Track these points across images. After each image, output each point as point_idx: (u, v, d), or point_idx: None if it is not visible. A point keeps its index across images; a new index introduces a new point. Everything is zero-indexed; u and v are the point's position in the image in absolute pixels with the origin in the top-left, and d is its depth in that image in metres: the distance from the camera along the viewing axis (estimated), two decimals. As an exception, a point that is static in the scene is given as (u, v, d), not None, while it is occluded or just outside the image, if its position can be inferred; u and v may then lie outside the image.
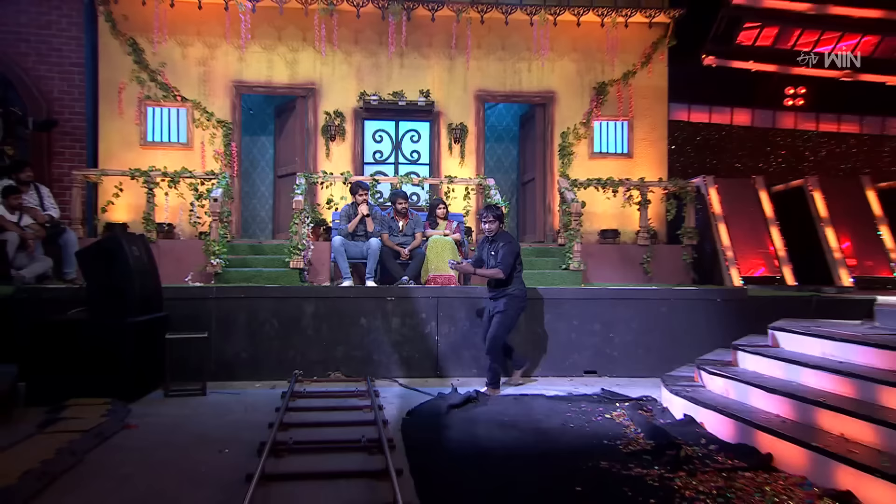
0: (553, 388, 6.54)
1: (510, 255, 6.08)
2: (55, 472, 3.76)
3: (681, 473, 3.81)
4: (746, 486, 3.59)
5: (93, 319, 5.90)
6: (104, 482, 3.71)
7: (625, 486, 3.65)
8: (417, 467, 3.96)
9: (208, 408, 5.60)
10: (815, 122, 12.44)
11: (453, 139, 10.51)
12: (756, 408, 4.49)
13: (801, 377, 4.50)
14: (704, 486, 3.61)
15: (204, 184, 8.88)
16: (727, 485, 3.62)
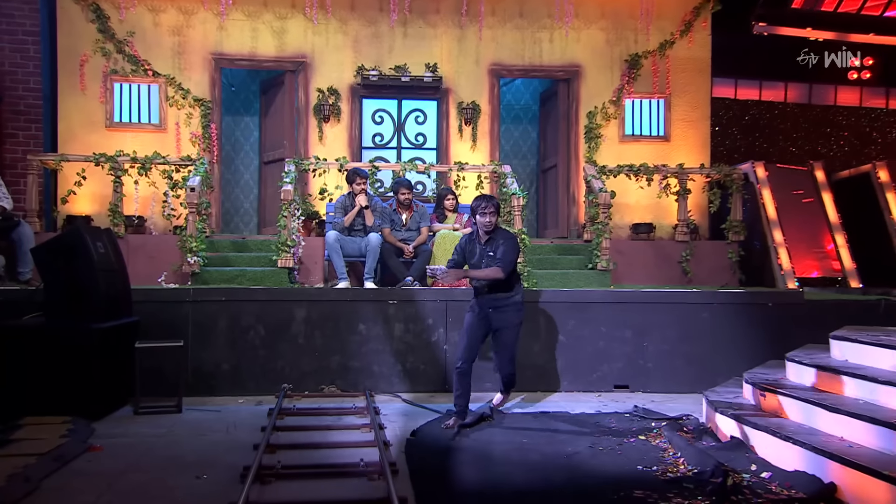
0: (578, 404, 6.50)
1: (513, 251, 5.62)
2: (5, 502, 3.72)
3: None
4: (806, 521, 3.53)
5: (51, 325, 5.88)
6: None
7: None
8: (424, 496, 3.92)
9: (184, 427, 5.57)
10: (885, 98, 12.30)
11: (464, 120, 10.46)
12: (816, 430, 4.42)
13: (870, 395, 4.42)
14: (757, 519, 3.55)
15: (179, 171, 8.86)
16: (783, 519, 3.56)
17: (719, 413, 5.13)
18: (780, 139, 11.92)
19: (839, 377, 4.73)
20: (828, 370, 4.86)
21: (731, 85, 12.06)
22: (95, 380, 5.74)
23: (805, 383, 5.07)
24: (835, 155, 11.87)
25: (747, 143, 11.80)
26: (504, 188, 8.93)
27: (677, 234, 9.56)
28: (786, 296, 7.65)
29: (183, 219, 8.41)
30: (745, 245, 9.49)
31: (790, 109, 11.95)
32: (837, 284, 9.09)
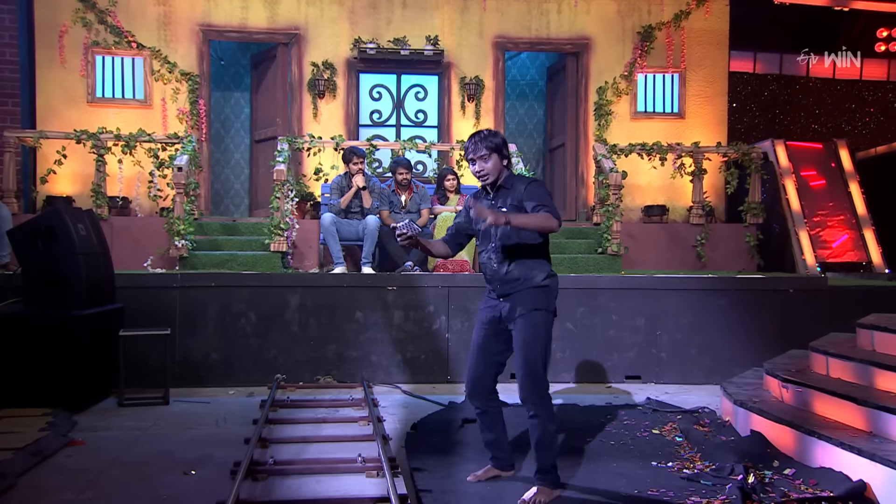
0: (588, 396, 6.44)
1: (545, 194, 3.91)
2: (-19, 498, 3.66)
3: None
4: (834, 521, 3.46)
5: (30, 312, 5.82)
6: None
7: (682, 519, 3.53)
8: (426, 494, 3.85)
9: (171, 420, 5.51)
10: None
11: (466, 96, 10.34)
12: (845, 424, 4.34)
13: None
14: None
15: (166, 149, 8.77)
16: (810, 519, 3.49)
17: (739, 406, 5.06)
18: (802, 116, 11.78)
19: (868, 368, 4.64)
20: (855, 361, 4.78)
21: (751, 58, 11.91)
22: (77, 370, 5.67)
23: (830, 375, 4.98)
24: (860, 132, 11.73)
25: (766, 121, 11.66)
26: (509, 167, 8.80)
27: (692, 216, 9.46)
28: (808, 282, 7.58)
29: (170, 200, 8.33)
30: (764, 228, 9.40)
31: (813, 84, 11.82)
32: (862, 270, 9.01)
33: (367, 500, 3.74)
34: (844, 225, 9.33)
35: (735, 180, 9.62)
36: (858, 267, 9.05)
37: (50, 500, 3.77)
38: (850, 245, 9.21)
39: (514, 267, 3.88)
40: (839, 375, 4.90)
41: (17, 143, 8.69)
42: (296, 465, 4.29)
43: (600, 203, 9.09)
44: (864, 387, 4.59)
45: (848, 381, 4.77)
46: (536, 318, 3.88)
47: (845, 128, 11.80)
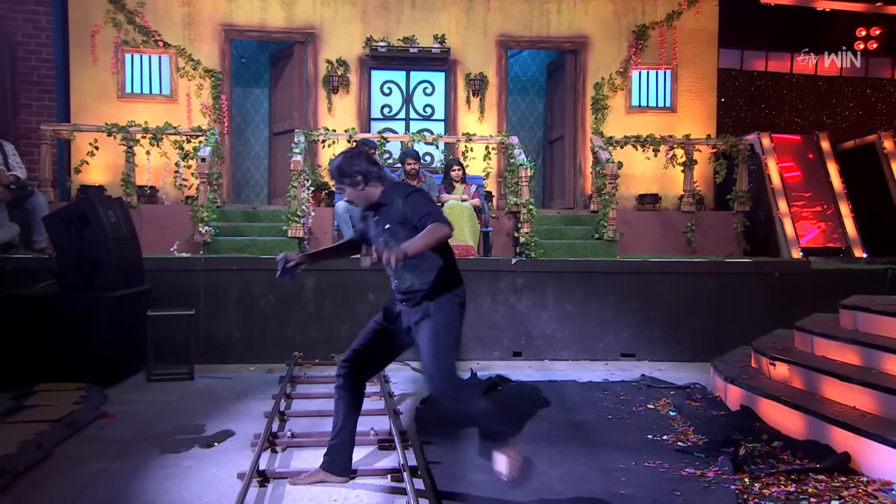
0: (586, 373, 6.37)
1: (428, 200, 3.43)
2: (17, 468, 3.61)
3: (742, 475, 3.61)
4: (821, 492, 3.38)
5: (64, 293, 5.77)
6: (74, 480, 3.56)
7: (676, 489, 3.46)
8: (435, 465, 3.79)
9: (196, 394, 5.47)
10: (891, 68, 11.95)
11: (472, 91, 10.22)
12: (828, 399, 4.26)
13: (882, 364, 4.26)
14: (771, 490, 3.41)
15: (190, 141, 8.69)
16: (798, 490, 3.41)
17: (729, 382, 4.98)
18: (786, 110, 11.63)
19: (851, 346, 4.55)
20: (839, 339, 4.69)
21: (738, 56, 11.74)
22: (108, 347, 5.63)
23: (815, 352, 4.90)
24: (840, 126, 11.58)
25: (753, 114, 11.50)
26: (512, 159, 8.74)
27: (683, 204, 9.35)
28: (792, 265, 7.48)
29: (194, 189, 8.26)
30: (750, 215, 9.29)
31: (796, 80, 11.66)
32: (842, 254, 8.90)
33: (379, 472, 3.69)
34: (826, 212, 9.22)
35: (723, 170, 9.50)
36: (838, 252, 8.94)
37: (83, 470, 3.72)
38: (830, 231, 9.10)
39: (416, 280, 3.37)
40: (823, 353, 4.82)
41: (53, 136, 8.62)
42: (312, 437, 4.23)
43: (597, 192, 8.99)
44: (846, 364, 4.51)
45: (832, 358, 4.68)
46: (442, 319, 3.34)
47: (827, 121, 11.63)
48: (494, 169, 9.57)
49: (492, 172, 9.47)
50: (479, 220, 7.90)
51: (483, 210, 8.23)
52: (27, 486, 3.49)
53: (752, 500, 3.31)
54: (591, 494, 3.39)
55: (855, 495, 3.34)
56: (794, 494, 3.36)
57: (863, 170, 9.63)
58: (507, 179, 8.91)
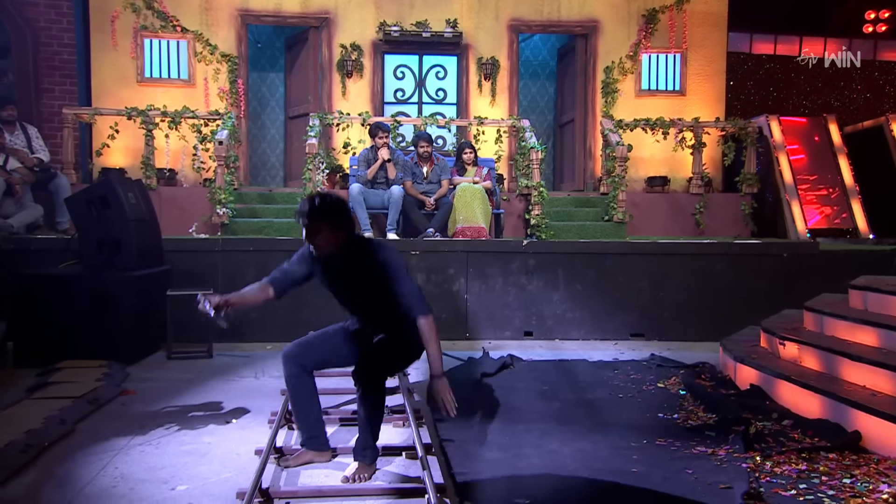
0: (596, 352, 6.31)
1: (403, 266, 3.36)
2: (41, 443, 3.59)
3: (753, 453, 3.54)
4: (832, 470, 3.31)
5: (86, 273, 5.75)
6: (97, 455, 3.54)
7: (687, 467, 3.39)
8: (448, 443, 3.75)
9: (214, 372, 5.46)
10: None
11: (483, 75, 10.09)
12: (838, 378, 4.18)
13: (893, 344, 4.16)
14: (782, 468, 3.34)
15: (208, 125, 8.62)
16: (810, 468, 3.34)
17: (738, 361, 4.90)
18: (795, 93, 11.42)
19: (861, 326, 4.46)
20: (849, 319, 4.60)
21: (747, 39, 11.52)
22: (129, 326, 5.61)
23: (825, 332, 4.81)
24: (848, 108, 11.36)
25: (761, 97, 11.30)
26: (523, 142, 8.63)
27: (692, 186, 9.23)
28: (801, 246, 7.36)
29: (212, 172, 8.20)
30: (758, 197, 9.15)
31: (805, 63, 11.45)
32: (849, 235, 8.76)
33: (394, 449, 3.65)
34: (833, 194, 9.06)
35: (732, 153, 9.34)
36: (845, 233, 8.79)
37: (105, 445, 3.70)
38: (838, 213, 8.96)
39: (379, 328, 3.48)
40: (833, 333, 4.73)
41: (75, 120, 8.57)
42: (328, 414, 4.17)
43: (607, 174, 8.87)
44: (856, 344, 4.42)
45: (841, 338, 4.60)
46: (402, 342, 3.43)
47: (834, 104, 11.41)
48: (506, 152, 9.46)
49: (503, 155, 9.37)
50: (491, 203, 7.82)
51: (494, 192, 8.14)
52: (51, 460, 3.47)
53: (764, 478, 3.25)
54: (603, 472, 3.33)
55: (866, 473, 3.26)
56: (806, 473, 3.29)
57: (870, 152, 9.46)
58: (519, 162, 8.80)
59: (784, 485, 3.16)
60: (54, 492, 3.08)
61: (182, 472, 3.32)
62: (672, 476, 3.28)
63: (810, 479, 3.21)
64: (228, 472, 3.33)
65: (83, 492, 3.08)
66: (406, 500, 3.03)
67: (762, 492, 3.08)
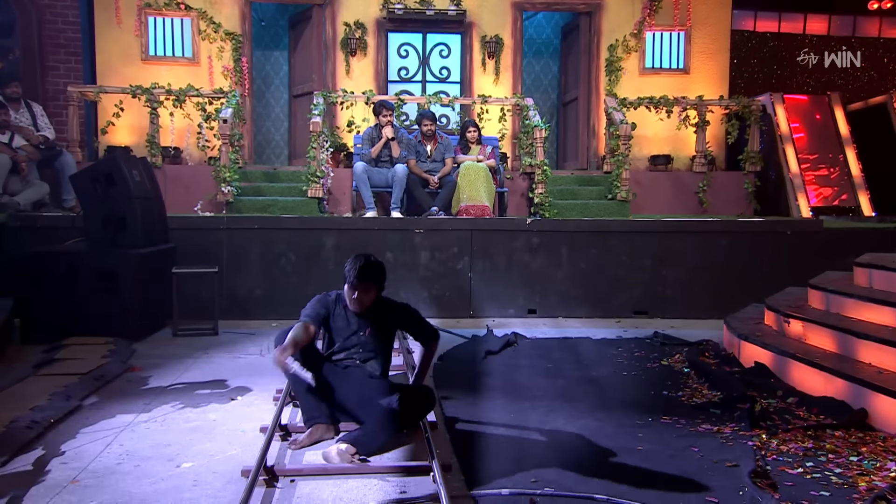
0: (599, 330, 6.24)
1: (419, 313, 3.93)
2: (47, 420, 3.54)
3: (759, 431, 3.48)
4: (839, 448, 3.25)
5: (92, 250, 5.68)
6: (102, 431, 3.49)
7: (693, 445, 3.33)
8: (453, 420, 3.69)
9: (220, 349, 5.40)
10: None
11: (487, 54, 9.92)
12: (845, 356, 4.11)
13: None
14: (789, 446, 3.28)
15: (212, 103, 8.49)
16: (816, 445, 3.28)
17: (742, 339, 4.83)
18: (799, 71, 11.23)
19: (867, 304, 4.38)
20: (854, 297, 4.52)
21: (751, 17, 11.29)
22: (135, 303, 5.55)
23: (830, 310, 4.73)
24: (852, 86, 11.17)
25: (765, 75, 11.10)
26: (527, 120, 8.50)
27: (695, 165, 9.09)
28: (804, 224, 7.27)
29: (217, 150, 8.08)
30: (761, 175, 9.02)
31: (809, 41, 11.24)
32: (851, 213, 8.64)
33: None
34: (836, 172, 8.93)
35: (735, 131, 9.19)
36: (848, 211, 8.67)
37: (110, 422, 3.64)
38: (840, 190, 8.83)
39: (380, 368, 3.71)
40: (838, 311, 4.65)
41: (80, 98, 8.43)
42: (333, 391, 4.13)
43: (610, 153, 8.75)
44: (863, 322, 4.34)
45: (847, 316, 4.52)
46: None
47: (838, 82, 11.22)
48: (509, 130, 9.33)
49: (507, 134, 9.24)
50: (495, 181, 7.73)
51: (498, 171, 8.04)
52: (57, 437, 3.42)
53: (771, 456, 3.19)
54: (609, 450, 3.27)
55: (873, 451, 3.20)
56: (812, 450, 3.23)
57: (874, 130, 9.31)
58: (522, 141, 8.68)
59: (791, 462, 3.10)
60: (59, 468, 3.03)
61: (187, 450, 3.27)
62: (678, 454, 3.22)
63: (817, 457, 3.15)
64: (233, 450, 3.27)
65: (88, 468, 3.03)
66: (411, 477, 2.97)
67: (769, 469, 3.02)
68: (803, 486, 2.85)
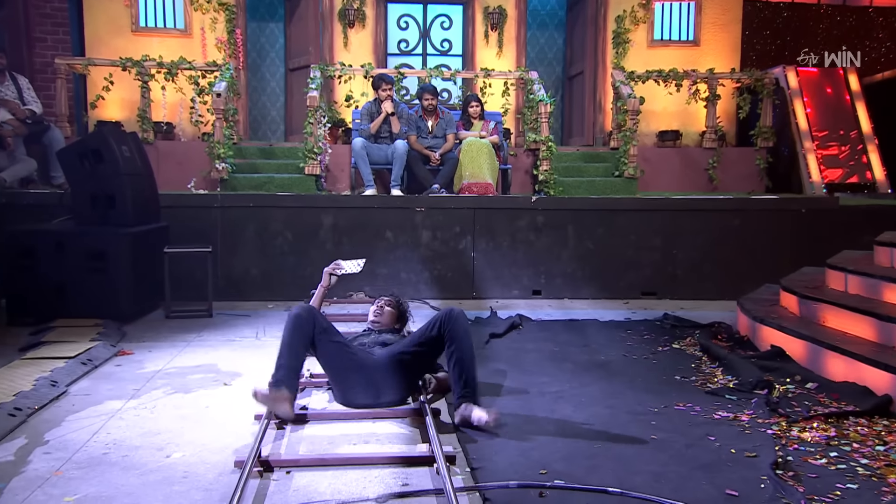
0: (607, 312, 6.13)
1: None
2: (31, 407, 3.42)
3: (778, 418, 3.36)
4: (864, 436, 3.13)
5: (80, 229, 5.54)
6: (89, 420, 3.37)
7: (710, 433, 3.21)
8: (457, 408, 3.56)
9: (214, 331, 5.28)
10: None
11: (490, 25, 9.71)
12: (865, 339, 3.98)
13: (925, 303, 3.96)
14: (811, 435, 3.16)
15: (205, 76, 8.30)
16: (839, 434, 3.16)
17: (757, 321, 4.71)
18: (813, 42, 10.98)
19: (890, 284, 4.24)
20: (876, 277, 4.38)
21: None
22: (125, 284, 5.42)
23: (849, 291, 4.60)
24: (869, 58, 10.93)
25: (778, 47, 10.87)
26: (531, 95, 8.33)
27: (705, 140, 8.92)
28: (820, 202, 7.12)
29: (210, 125, 7.92)
30: (773, 151, 8.86)
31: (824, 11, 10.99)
32: (866, 190, 8.48)
33: (399, 412, 3.47)
34: (851, 147, 8.75)
35: (747, 105, 9.00)
36: (863, 188, 8.51)
37: (98, 409, 3.53)
38: (855, 167, 8.66)
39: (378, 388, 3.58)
40: (858, 291, 4.52)
41: (68, 70, 8.24)
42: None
43: (617, 128, 8.59)
44: (886, 303, 4.21)
45: (869, 297, 4.38)
46: None
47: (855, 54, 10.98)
48: (513, 105, 9.15)
49: (510, 109, 9.07)
50: (498, 158, 7.59)
51: (502, 147, 7.88)
52: (41, 424, 3.30)
53: (792, 445, 3.06)
54: (621, 439, 3.15)
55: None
56: (836, 439, 3.11)
57: (890, 104, 9.11)
58: (526, 116, 8.51)
59: (813, 452, 2.98)
60: (42, 459, 2.91)
61: (178, 438, 3.15)
62: (694, 443, 3.10)
63: (841, 447, 3.03)
64: (227, 439, 3.15)
65: (73, 459, 2.91)
66: (413, 468, 2.85)
67: (790, 461, 2.89)
68: (828, 478, 2.73)
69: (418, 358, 3.56)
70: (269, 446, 3.06)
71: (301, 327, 3.45)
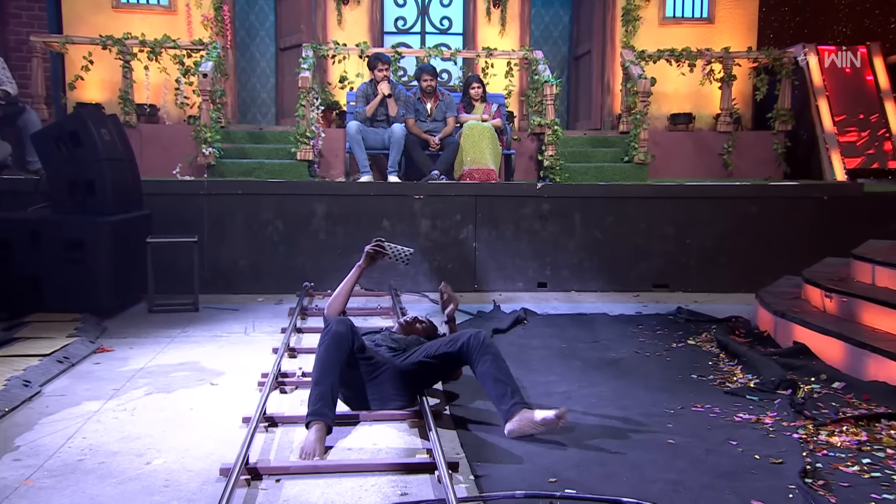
0: (617, 305, 6.04)
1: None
2: (1, 409, 3.32)
3: (804, 421, 3.26)
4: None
5: (57, 217, 5.44)
6: (63, 423, 3.27)
7: (731, 437, 3.12)
8: (458, 408, 3.47)
9: (200, 327, 5.19)
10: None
11: (492, 2, 9.58)
12: None
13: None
14: (841, 439, 3.06)
15: (191, 56, 8.17)
16: (871, 438, 3.06)
17: (778, 316, 4.61)
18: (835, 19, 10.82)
19: (921, 278, 4.15)
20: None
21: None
22: (105, 275, 5.32)
23: (877, 283, 4.50)
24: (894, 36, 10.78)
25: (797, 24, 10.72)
26: (536, 76, 8.20)
27: (720, 124, 8.81)
28: (843, 188, 7.01)
29: (196, 108, 7.80)
30: (792, 135, 8.74)
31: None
32: (891, 176, 8.37)
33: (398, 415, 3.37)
34: (876, 131, 8.63)
35: (764, 87, 8.85)
36: (887, 174, 8.40)
37: (74, 411, 3.43)
38: (879, 152, 8.54)
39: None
40: (887, 284, 4.42)
41: (45, 49, 8.10)
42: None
43: (627, 111, 8.48)
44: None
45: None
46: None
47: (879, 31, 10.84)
48: (517, 87, 9.02)
49: (514, 91, 8.93)
50: (501, 142, 7.49)
51: (505, 131, 7.78)
52: (11, 429, 3.20)
53: (820, 451, 2.97)
54: (636, 444, 3.06)
55: (937, 446, 2.99)
56: (868, 444, 3.01)
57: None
58: (531, 98, 8.39)
59: (844, 459, 2.88)
60: (11, 466, 2.81)
61: (159, 443, 3.05)
62: (715, 448, 3.00)
63: (874, 453, 2.93)
64: (212, 444, 3.05)
65: (45, 466, 2.82)
66: (413, 476, 2.76)
67: (819, 468, 2.80)
68: (861, 487, 2.64)
69: (434, 371, 3.47)
70: (258, 452, 2.96)
71: (340, 347, 3.22)
